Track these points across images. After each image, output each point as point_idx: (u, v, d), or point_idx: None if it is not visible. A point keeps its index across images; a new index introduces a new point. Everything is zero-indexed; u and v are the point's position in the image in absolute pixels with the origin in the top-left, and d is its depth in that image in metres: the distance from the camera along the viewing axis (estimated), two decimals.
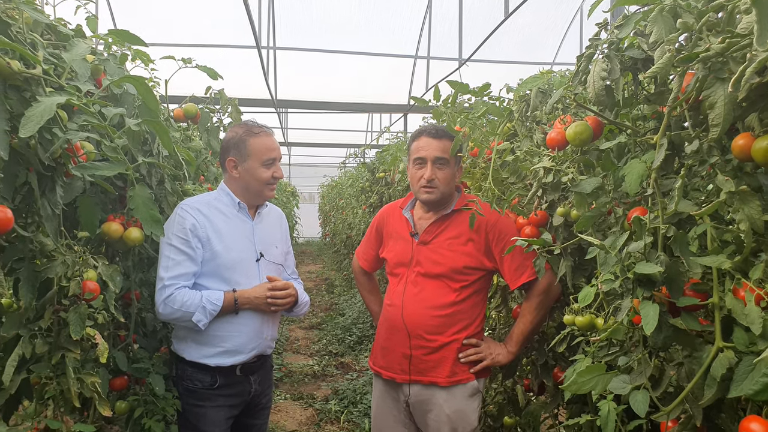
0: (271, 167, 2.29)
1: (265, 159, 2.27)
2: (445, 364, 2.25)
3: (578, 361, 1.71)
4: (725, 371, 1.25)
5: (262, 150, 2.27)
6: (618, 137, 1.67)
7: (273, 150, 2.30)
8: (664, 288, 1.42)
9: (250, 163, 2.26)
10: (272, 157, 2.29)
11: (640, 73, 1.61)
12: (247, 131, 2.28)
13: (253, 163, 2.26)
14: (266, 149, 2.28)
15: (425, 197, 2.30)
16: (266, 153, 2.27)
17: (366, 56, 10.29)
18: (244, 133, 2.27)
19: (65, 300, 1.77)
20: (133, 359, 2.34)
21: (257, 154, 2.26)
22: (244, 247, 2.30)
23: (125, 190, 2.16)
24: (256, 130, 2.29)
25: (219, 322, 2.21)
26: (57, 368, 1.75)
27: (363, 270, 2.73)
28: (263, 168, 2.27)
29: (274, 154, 2.30)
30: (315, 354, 6.49)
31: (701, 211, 1.31)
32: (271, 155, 2.29)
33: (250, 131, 2.28)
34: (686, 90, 1.33)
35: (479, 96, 2.58)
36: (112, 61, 1.96)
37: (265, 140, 2.29)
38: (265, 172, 2.28)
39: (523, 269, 2.21)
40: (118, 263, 2.31)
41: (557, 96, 1.86)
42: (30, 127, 1.33)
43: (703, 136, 1.35)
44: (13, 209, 1.44)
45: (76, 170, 1.62)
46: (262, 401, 2.45)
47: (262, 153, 2.27)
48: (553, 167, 1.93)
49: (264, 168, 2.28)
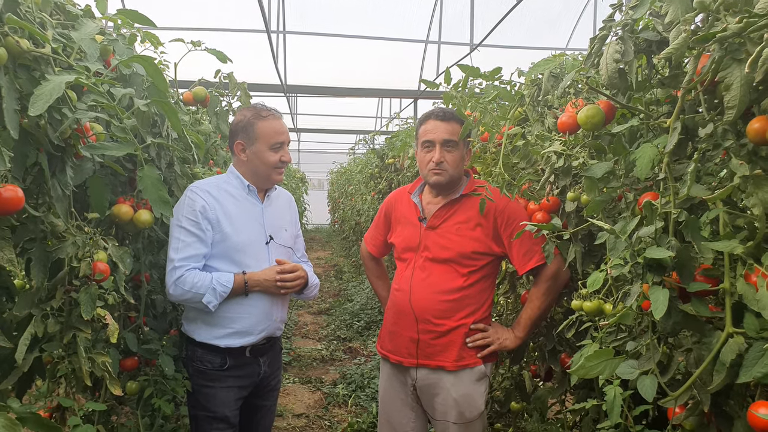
0: (279, 151, 2.28)
1: (273, 143, 2.26)
2: (452, 349, 2.26)
3: (586, 347, 1.70)
4: (735, 357, 1.24)
5: (270, 133, 2.26)
6: (630, 121, 1.66)
7: (281, 134, 2.29)
8: (674, 273, 1.41)
9: (258, 146, 2.26)
10: (280, 141, 2.28)
11: (654, 55, 1.59)
12: (255, 114, 2.26)
13: (260, 147, 2.26)
14: (274, 132, 2.26)
15: (434, 179, 2.29)
16: (274, 137, 2.26)
17: (376, 41, 10.21)
18: (252, 116, 2.26)
19: (76, 280, 1.78)
20: (143, 340, 2.36)
21: (265, 138, 2.25)
22: (253, 229, 2.30)
23: (135, 173, 2.17)
24: (265, 113, 2.28)
25: (229, 303, 2.22)
26: (68, 347, 1.77)
27: (371, 255, 2.73)
28: (271, 152, 2.26)
29: (282, 138, 2.29)
30: (323, 339, 6.52)
31: (714, 195, 1.30)
32: (279, 139, 2.28)
33: (259, 114, 2.26)
34: (701, 72, 1.31)
35: (490, 80, 2.56)
36: (121, 41, 1.95)
37: (273, 123, 2.27)
38: (273, 155, 2.27)
39: (531, 254, 2.20)
40: (128, 245, 2.32)
41: (569, 79, 1.85)
42: (39, 106, 1.33)
43: (718, 119, 1.33)
44: (24, 189, 1.45)
45: (85, 150, 1.62)
46: (272, 383, 2.46)
47: (269, 136, 2.25)
48: (564, 152, 1.92)
49: (272, 152, 2.27)
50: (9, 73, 1.38)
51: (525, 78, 2.50)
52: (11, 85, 1.37)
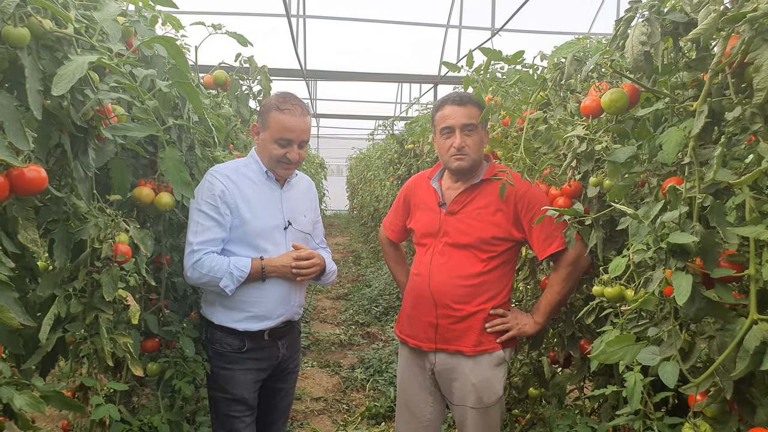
0: (284, 147, 2.23)
1: (278, 137, 2.22)
2: (471, 334, 2.25)
3: (607, 332, 1.69)
4: (759, 344, 1.22)
5: (278, 127, 2.21)
6: (655, 105, 1.63)
7: (290, 131, 2.22)
8: (698, 259, 1.39)
9: (266, 135, 2.24)
10: (286, 138, 2.22)
11: (681, 38, 1.56)
12: (276, 104, 2.22)
13: (267, 136, 2.24)
14: (283, 128, 2.21)
15: (456, 165, 2.27)
16: (281, 132, 2.21)
17: (396, 25, 10.15)
18: (273, 104, 2.23)
19: (98, 262, 1.80)
20: (163, 323, 2.38)
21: (272, 130, 2.22)
22: (271, 215, 2.30)
23: (156, 156, 2.18)
24: (285, 106, 2.22)
25: (247, 288, 2.23)
26: (91, 328, 1.79)
27: (390, 241, 2.73)
28: (275, 145, 2.23)
29: (291, 136, 2.22)
30: (342, 323, 6.55)
31: (741, 180, 1.27)
32: (286, 135, 2.22)
33: (278, 105, 2.22)
34: (730, 54, 1.29)
35: (512, 64, 2.53)
36: (143, 23, 1.96)
37: (286, 119, 2.21)
38: (276, 149, 2.23)
39: (552, 240, 2.18)
40: (150, 228, 2.34)
41: (593, 62, 1.81)
42: (62, 86, 1.34)
43: (746, 102, 1.30)
44: (47, 171, 1.46)
45: (107, 131, 1.63)
46: (290, 366, 2.48)
47: (277, 130, 2.21)
48: (587, 136, 1.89)
49: (276, 145, 2.23)
50: (32, 53, 1.39)
51: (547, 62, 2.47)
52: (34, 65, 1.38)
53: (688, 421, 1.43)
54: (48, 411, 3.30)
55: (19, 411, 1.33)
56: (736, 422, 1.41)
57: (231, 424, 2.30)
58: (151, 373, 2.37)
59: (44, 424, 3.48)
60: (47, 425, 3.48)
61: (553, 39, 9.92)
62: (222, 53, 3.30)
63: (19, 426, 1.40)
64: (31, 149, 1.36)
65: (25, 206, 1.47)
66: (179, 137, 2.23)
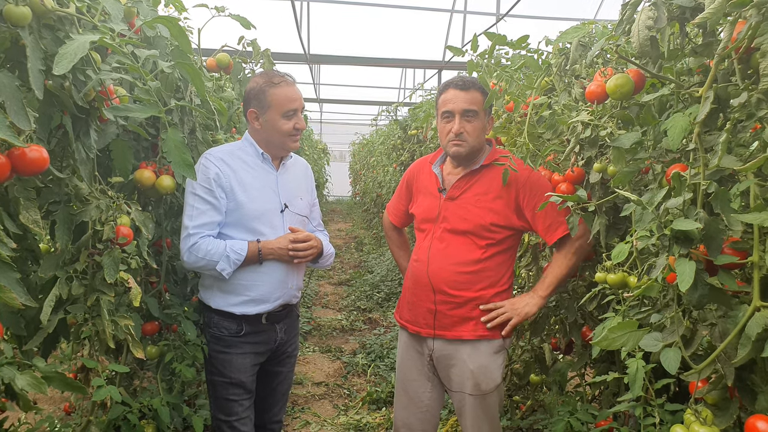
0: (292, 118, 2.23)
1: (285, 110, 2.21)
2: (469, 320, 2.24)
3: (609, 319, 1.69)
4: (761, 331, 1.22)
5: (282, 101, 2.20)
6: (661, 90, 1.61)
7: (294, 100, 2.23)
8: (701, 246, 1.38)
9: (270, 114, 2.22)
10: (293, 108, 2.23)
11: (687, 23, 1.54)
12: (267, 81, 2.21)
13: (273, 115, 2.22)
14: (287, 100, 2.21)
15: (454, 150, 2.25)
16: (286, 104, 2.21)
17: (401, 9, 10.07)
18: (264, 83, 2.21)
19: (100, 244, 1.80)
20: (164, 306, 2.39)
21: (277, 106, 2.20)
22: (268, 198, 2.29)
23: (158, 139, 2.17)
24: (277, 79, 2.22)
25: (244, 271, 2.22)
26: (92, 310, 1.79)
27: (393, 225, 2.72)
28: (284, 119, 2.22)
29: (295, 105, 2.23)
30: (343, 309, 6.57)
31: (746, 166, 1.26)
32: (292, 106, 2.22)
33: (270, 81, 2.21)
34: (737, 39, 1.27)
35: (517, 49, 2.51)
36: (145, 3, 1.94)
37: (286, 90, 2.21)
38: (286, 123, 2.23)
39: (557, 225, 2.17)
40: (151, 211, 2.33)
41: (598, 48, 1.80)
42: (63, 65, 1.33)
43: (753, 88, 1.29)
44: (48, 151, 1.45)
45: (109, 112, 1.62)
46: (288, 349, 2.48)
47: (282, 104, 2.20)
48: (591, 121, 1.88)
49: (284, 119, 2.22)
50: (33, 32, 1.38)
51: (552, 47, 2.45)
52: (36, 44, 1.37)
53: (689, 408, 1.43)
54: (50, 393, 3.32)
55: (20, 391, 1.33)
56: (736, 409, 1.41)
57: (229, 407, 2.31)
58: (150, 356, 2.38)
59: (46, 406, 3.50)
60: (49, 407, 3.50)
61: (558, 25, 9.87)
62: (225, 36, 3.28)
63: (21, 406, 1.40)
64: (32, 129, 1.35)
65: (27, 187, 1.47)
66: (181, 120, 2.22)
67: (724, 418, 1.42)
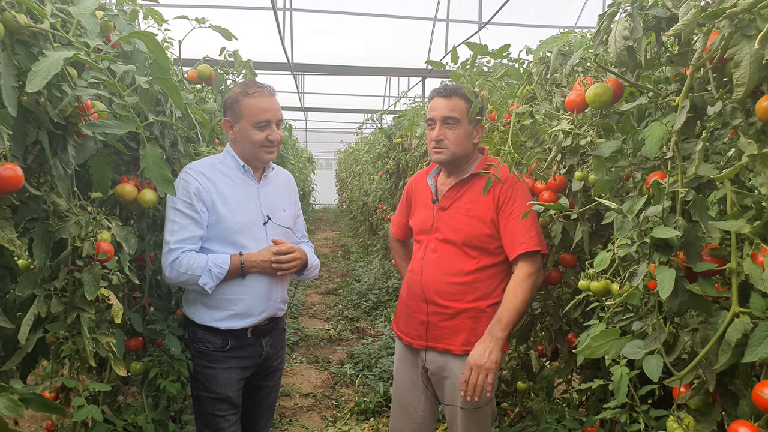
0: (264, 129, 2.21)
1: (257, 121, 2.19)
2: (460, 332, 2.23)
3: (593, 327, 1.69)
4: (741, 336, 1.23)
5: (254, 111, 2.19)
6: (639, 99, 1.63)
7: (266, 111, 2.21)
8: (681, 253, 1.39)
9: (243, 124, 2.21)
10: (265, 119, 2.20)
11: (663, 33, 1.56)
12: (242, 91, 2.21)
13: (245, 125, 2.20)
14: (258, 110, 2.19)
15: (435, 158, 2.27)
16: (258, 114, 2.19)
17: (384, 18, 10.11)
18: (239, 93, 2.21)
19: (79, 260, 1.78)
20: (148, 321, 2.36)
21: (249, 116, 2.19)
22: (250, 210, 2.28)
23: (139, 152, 2.15)
24: (252, 90, 2.21)
25: (227, 285, 2.21)
26: (72, 328, 1.77)
27: (396, 237, 2.72)
28: (255, 130, 2.20)
29: (268, 116, 2.21)
30: (331, 319, 6.54)
31: (722, 174, 1.28)
32: (264, 117, 2.20)
33: (245, 91, 2.20)
34: (711, 49, 1.29)
35: (498, 58, 2.52)
36: (122, 17, 1.93)
37: (259, 101, 2.20)
38: (257, 134, 2.21)
39: (523, 239, 2.13)
40: (133, 225, 2.31)
41: (577, 57, 1.81)
42: (37, 82, 1.32)
43: (727, 97, 1.30)
44: (24, 168, 1.44)
45: (86, 128, 1.60)
46: (274, 363, 2.46)
47: (254, 114, 2.19)
48: (572, 130, 1.89)
49: (256, 130, 2.20)
50: (6, 49, 1.37)
51: (533, 56, 2.46)
52: (9, 61, 1.36)
53: (672, 414, 1.43)
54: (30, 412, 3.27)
55: None
56: (719, 414, 1.42)
57: (215, 423, 2.28)
58: (134, 372, 2.35)
59: (27, 425, 3.45)
60: (31, 425, 3.46)
61: (540, 32, 9.91)
62: (207, 47, 3.27)
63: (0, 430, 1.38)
64: (6, 147, 1.33)
65: (2, 205, 1.45)
66: (162, 133, 2.20)
67: (707, 423, 1.42)
